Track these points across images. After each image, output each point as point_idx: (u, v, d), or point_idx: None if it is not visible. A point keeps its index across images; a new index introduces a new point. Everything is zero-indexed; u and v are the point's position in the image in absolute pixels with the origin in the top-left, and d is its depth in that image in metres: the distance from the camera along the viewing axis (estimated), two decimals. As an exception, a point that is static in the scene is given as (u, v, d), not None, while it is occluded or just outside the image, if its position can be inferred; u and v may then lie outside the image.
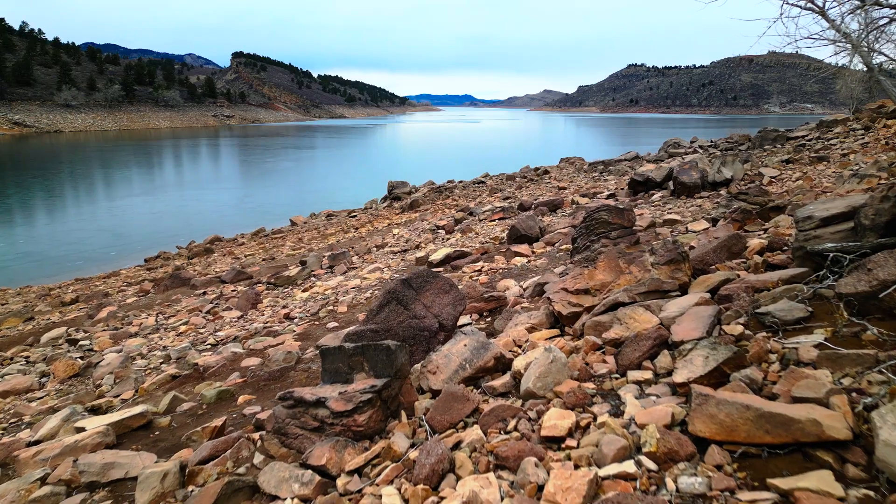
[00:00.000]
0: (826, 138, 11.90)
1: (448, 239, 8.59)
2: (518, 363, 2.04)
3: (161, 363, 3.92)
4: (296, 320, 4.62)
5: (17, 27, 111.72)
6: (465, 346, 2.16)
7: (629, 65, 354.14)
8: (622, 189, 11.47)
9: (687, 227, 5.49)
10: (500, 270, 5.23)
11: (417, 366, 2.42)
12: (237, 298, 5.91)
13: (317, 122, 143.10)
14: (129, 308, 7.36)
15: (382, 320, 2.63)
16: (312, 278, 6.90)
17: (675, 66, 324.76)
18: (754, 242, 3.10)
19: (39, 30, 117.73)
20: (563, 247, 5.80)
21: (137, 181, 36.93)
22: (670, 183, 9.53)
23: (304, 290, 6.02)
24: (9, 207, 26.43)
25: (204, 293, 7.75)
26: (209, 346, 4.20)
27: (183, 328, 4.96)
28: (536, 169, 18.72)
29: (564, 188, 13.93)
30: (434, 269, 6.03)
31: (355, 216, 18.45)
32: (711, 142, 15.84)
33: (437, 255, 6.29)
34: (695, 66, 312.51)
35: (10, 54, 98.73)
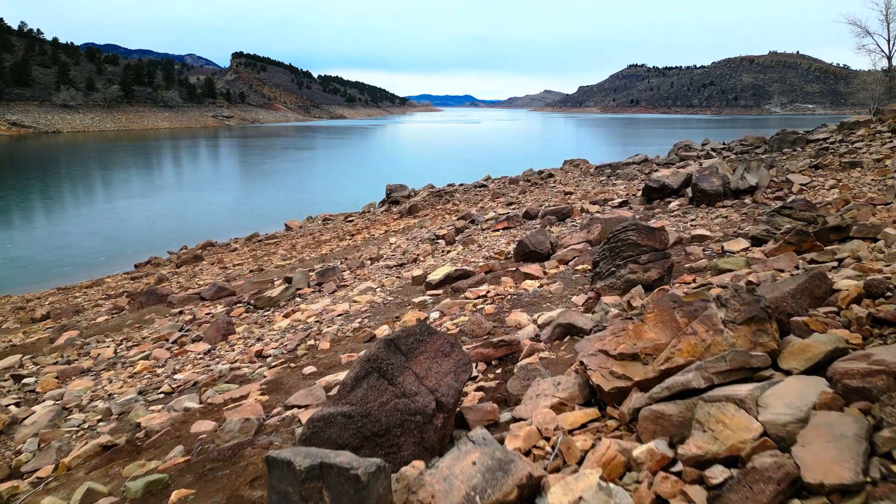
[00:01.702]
0: (850, 141, 11.19)
1: (448, 251, 7.89)
2: (556, 500, 1.34)
3: (99, 420, 3.23)
4: (269, 359, 3.92)
5: (15, 27, 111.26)
6: (475, 464, 1.46)
7: (630, 65, 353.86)
8: (634, 195, 10.77)
9: (723, 247, 4.78)
10: (509, 297, 4.52)
11: (408, 470, 1.71)
12: (210, 324, 5.22)
13: (317, 123, 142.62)
14: (95, 330, 6.66)
15: (359, 400, 1.93)
16: (297, 299, 6.20)
17: (676, 67, 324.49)
18: (846, 285, 2.39)
19: (38, 30, 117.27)
20: (580, 267, 5.09)
21: (134, 182, 36.41)
22: (688, 190, 8.82)
23: (285, 316, 5.31)
24: (2, 209, 25.91)
25: (180, 312, 7.06)
26: (161, 396, 3.51)
27: (141, 364, 4.25)
28: (540, 172, 18.01)
29: (571, 193, 13.24)
30: (433, 292, 5.33)
31: (352, 221, 17.77)
32: (724, 144, 15.13)
33: (436, 275, 5.58)
34: (695, 66, 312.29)
35: (9, 54, 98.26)
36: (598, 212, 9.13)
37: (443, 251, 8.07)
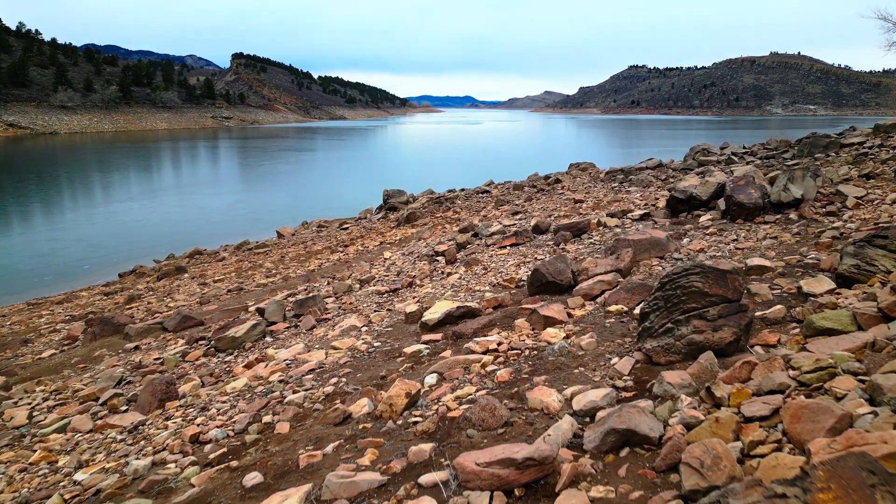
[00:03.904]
0: (890, 146, 10.17)
1: (449, 274, 6.86)
2: None
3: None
4: (207, 447, 2.90)
5: (14, 28, 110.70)
6: None
7: (630, 66, 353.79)
8: (654, 206, 9.75)
9: (799, 287, 3.74)
10: (527, 353, 3.50)
11: None
12: (152, 377, 4.20)
13: (316, 124, 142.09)
14: (32, 371, 5.65)
15: None
16: (267, 338, 5.17)
17: (677, 68, 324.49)
18: None
19: (36, 30, 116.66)
20: (613, 308, 4.07)
21: (128, 185, 35.67)
22: (719, 202, 7.80)
23: (246, 366, 4.29)
24: (-12, 214, 25.21)
25: (135, 347, 6.05)
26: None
27: (40, 451, 3.19)
28: (547, 177, 16.99)
29: (581, 201, 12.22)
30: (429, 337, 4.29)
31: (346, 229, 16.78)
32: (745, 148, 14.09)
33: (434, 313, 4.56)
34: (696, 67, 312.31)
35: (6, 55, 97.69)
36: (617, 226, 8.11)
37: (442, 273, 7.04)
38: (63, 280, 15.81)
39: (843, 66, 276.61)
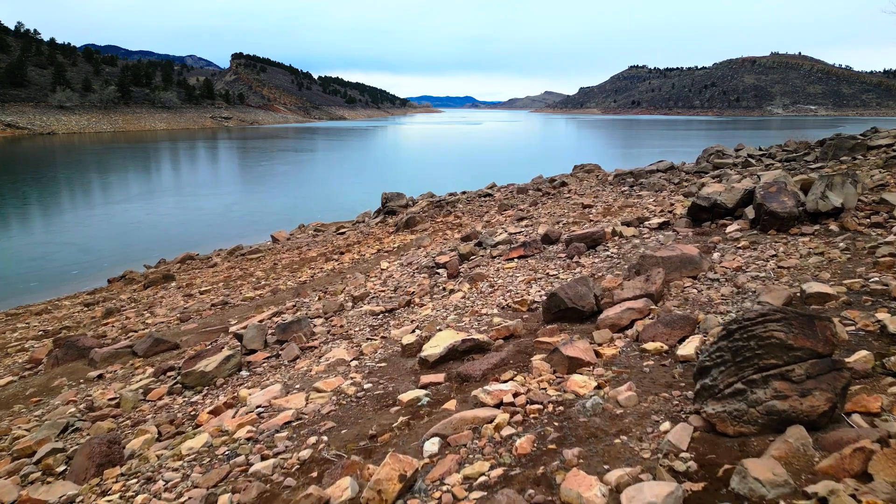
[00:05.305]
0: (923, 148, 9.50)
1: (451, 291, 6.18)
2: None
3: None
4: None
5: (12, 28, 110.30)
6: None
7: (630, 66, 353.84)
8: (671, 212, 9.06)
9: (882, 325, 3.06)
10: (551, 409, 2.82)
11: None
12: (109, 418, 3.53)
13: (316, 124, 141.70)
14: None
15: None
16: (243, 372, 4.50)
17: (677, 68, 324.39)
18: None
19: (35, 30, 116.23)
20: (650, 346, 3.39)
21: (125, 186, 35.17)
22: (747, 210, 7.12)
23: (212, 411, 3.62)
24: (-16, 216, 24.80)
25: (99, 377, 5.38)
26: None
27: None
28: (552, 180, 16.30)
29: (590, 206, 11.54)
30: (430, 378, 3.60)
31: (343, 233, 16.15)
32: (762, 150, 13.41)
33: (435, 348, 3.88)
34: (697, 67, 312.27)
35: (4, 55, 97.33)
36: (634, 235, 7.43)
37: (444, 289, 6.36)
38: (50, 286, 15.27)
39: (843, 66, 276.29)
